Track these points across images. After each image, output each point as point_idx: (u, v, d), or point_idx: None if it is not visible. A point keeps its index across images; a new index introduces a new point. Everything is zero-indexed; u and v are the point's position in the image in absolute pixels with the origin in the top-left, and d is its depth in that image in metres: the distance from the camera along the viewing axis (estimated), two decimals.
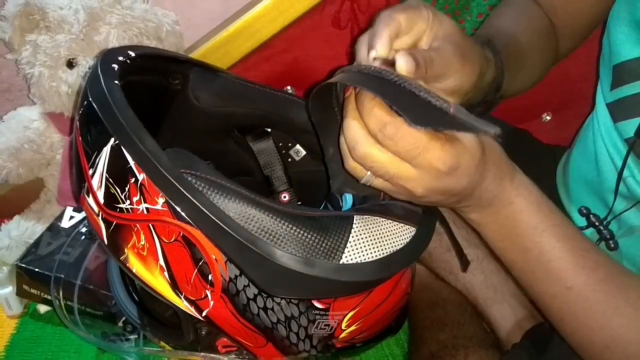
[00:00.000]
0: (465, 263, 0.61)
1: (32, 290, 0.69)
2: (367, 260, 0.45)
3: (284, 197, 0.69)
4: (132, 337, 0.65)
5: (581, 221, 0.64)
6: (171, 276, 0.46)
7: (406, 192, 0.42)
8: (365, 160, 0.41)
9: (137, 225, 0.45)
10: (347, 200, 0.52)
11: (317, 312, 0.49)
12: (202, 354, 0.54)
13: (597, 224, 0.62)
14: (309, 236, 0.44)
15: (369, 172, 0.42)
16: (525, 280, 0.50)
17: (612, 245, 0.60)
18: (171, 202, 0.43)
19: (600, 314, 0.46)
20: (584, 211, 0.64)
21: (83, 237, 0.71)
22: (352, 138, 0.41)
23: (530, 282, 0.50)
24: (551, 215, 0.47)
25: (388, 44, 0.41)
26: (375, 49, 0.41)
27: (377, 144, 0.39)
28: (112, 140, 0.45)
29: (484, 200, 0.45)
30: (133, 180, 0.44)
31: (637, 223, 0.58)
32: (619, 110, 0.58)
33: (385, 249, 0.46)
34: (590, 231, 0.63)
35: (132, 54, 0.53)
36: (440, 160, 0.39)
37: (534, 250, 0.47)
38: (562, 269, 0.46)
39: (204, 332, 0.51)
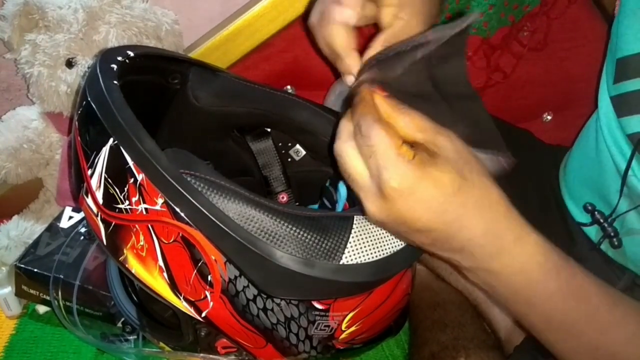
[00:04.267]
0: None
1: (31, 291, 0.69)
2: (367, 260, 0.45)
3: (282, 198, 0.69)
4: (131, 337, 0.65)
5: (586, 218, 0.64)
6: (170, 277, 0.46)
7: (363, 208, 0.40)
8: (337, 155, 0.40)
9: (136, 225, 0.45)
10: (341, 192, 0.52)
11: (317, 313, 0.49)
12: (202, 355, 0.54)
13: (601, 220, 0.61)
14: (309, 237, 0.44)
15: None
16: (546, 340, 0.45)
17: (616, 243, 0.60)
18: (170, 202, 0.43)
19: None
20: (589, 207, 0.63)
21: (82, 237, 0.70)
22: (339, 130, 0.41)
23: (551, 342, 0.45)
24: (572, 278, 0.42)
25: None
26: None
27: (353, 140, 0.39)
28: (111, 140, 0.45)
29: (479, 261, 0.40)
30: (132, 180, 0.44)
31: (635, 226, 0.58)
32: (622, 105, 0.57)
33: (386, 249, 0.46)
34: (594, 228, 0.63)
35: (131, 53, 0.53)
36: (393, 173, 0.36)
37: (556, 316, 0.42)
38: (587, 330, 0.43)
39: (203, 333, 0.51)
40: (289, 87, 0.83)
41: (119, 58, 0.51)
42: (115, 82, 0.47)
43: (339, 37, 0.46)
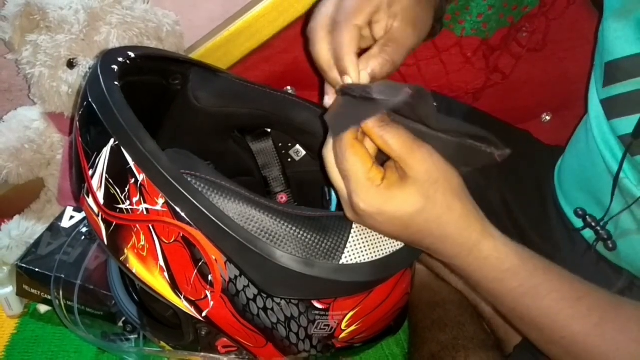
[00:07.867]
0: None
1: (32, 290, 0.69)
2: (366, 260, 0.45)
3: (281, 198, 0.69)
4: (132, 337, 0.65)
5: (578, 222, 0.64)
6: (171, 277, 0.46)
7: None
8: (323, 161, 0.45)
9: (137, 225, 0.45)
10: (334, 194, 0.52)
11: (317, 312, 0.49)
12: (202, 354, 0.54)
13: (593, 224, 0.61)
14: (309, 236, 0.44)
15: None
16: (516, 328, 0.49)
17: (611, 246, 0.60)
18: (171, 202, 0.43)
19: (602, 355, 0.44)
20: (580, 212, 0.63)
21: (83, 237, 0.71)
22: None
23: (520, 330, 0.49)
24: (531, 276, 0.44)
25: (356, 67, 0.45)
26: (349, 75, 0.45)
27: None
28: (112, 140, 0.45)
29: (446, 258, 0.45)
30: (133, 180, 0.44)
31: (630, 227, 0.58)
32: (612, 108, 0.57)
33: (385, 249, 0.46)
34: (587, 232, 0.63)
35: (132, 54, 0.53)
36: (362, 197, 0.41)
37: (518, 308, 0.46)
38: (551, 322, 0.45)
39: (203, 333, 0.51)
40: (289, 88, 0.83)
41: (120, 59, 0.51)
42: (116, 82, 0.47)
43: (323, 53, 0.47)
